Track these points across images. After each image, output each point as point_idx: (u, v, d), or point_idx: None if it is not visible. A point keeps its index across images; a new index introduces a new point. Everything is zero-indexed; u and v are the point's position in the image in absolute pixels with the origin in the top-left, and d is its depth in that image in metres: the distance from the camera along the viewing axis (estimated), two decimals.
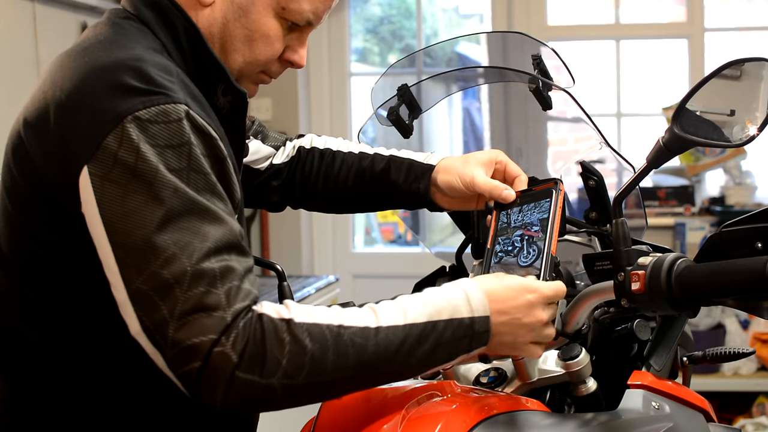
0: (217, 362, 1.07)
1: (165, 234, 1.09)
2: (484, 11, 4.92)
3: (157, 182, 1.09)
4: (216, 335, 1.07)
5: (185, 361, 1.07)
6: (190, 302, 1.07)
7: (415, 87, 1.63)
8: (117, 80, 1.13)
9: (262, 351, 1.08)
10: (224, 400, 1.07)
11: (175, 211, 1.09)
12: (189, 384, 1.09)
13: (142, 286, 1.09)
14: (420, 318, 1.15)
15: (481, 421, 1.18)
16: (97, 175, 1.10)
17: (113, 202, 1.10)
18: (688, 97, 1.25)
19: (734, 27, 4.51)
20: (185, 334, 1.07)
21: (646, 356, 1.39)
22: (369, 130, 1.76)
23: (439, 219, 1.69)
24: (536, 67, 1.57)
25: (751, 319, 4.04)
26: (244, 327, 1.08)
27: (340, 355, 1.10)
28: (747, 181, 4.12)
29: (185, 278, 1.08)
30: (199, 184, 1.12)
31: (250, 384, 1.07)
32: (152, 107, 1.12)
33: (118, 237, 1.10)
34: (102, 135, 1.10)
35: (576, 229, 1.54)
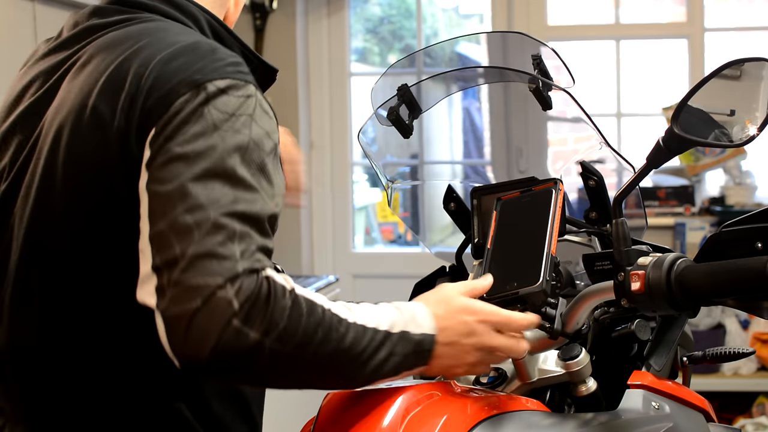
0: (217, 306, 1.06)
1: (198, 186, 1.11)
2: (484, 11, 4.92)
3: (207, 143, 1.13)
4: (223, 280, 1.07)
5: (183, 300, 1.07)
6: (205, 247, 1.08)
7: (415, 87, 1.63)
8: (193, 58, 1.18)
9: (265, 307, 1.08)
10: (212, 350, 1.06)
11: (215, 172, 1.12)
12: (178, 327, 1.07)
13: (164, 228, 1.10)
14: (382, 325, 1.17)
15: (481, 421, 1.18)
16: (157, 132, 1.14)
17: (160, 153, 1.13)
18: (688, 97, 1.25)
19: (734, 27, 4.51)
20: (191, 274, 1.07)
21: (646, 356, 1.39)
22: (369, 130, 1.76)
23: (439, 219, 1.69)
24: (536, 67, 1.57)
25: (751, 319, 4.04)
26: (251, 280, 1.08)
27: (325, 336, 1.11)
28: (747, 181, 4.12)
29: (205, 225, 1.09)
30: (251, 157, 1.15)
31: (243, 337, 1.06)
32: (227, 79, 1.17)
33: (154, 185, 1.12)
34: (174, 99, 1.15)
35: (576, 229, 1.54)
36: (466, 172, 4.44)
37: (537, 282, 1.29)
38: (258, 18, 4.24)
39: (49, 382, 1.23)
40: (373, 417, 1.17)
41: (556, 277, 1.33)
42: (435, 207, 1.73)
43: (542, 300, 1.28)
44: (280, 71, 1.42)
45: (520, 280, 1.31)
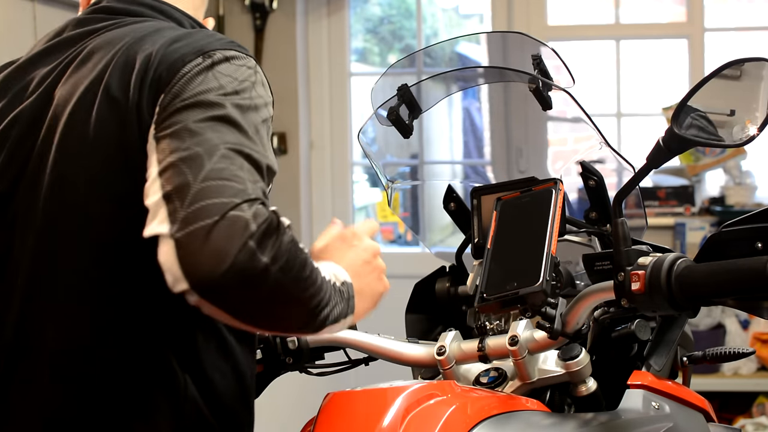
0: (235, 222, 1.07)
1: (205, 126, 1.14)
2: (484, 11, 4.92)
3: (211, 95, 1.17)
4: (239, 200, 1.09)
5: (200, 217, 1.07)
6: (218, 172, 1.10)
7: (415, 87, 1.63)
8: (197, 38, 1.24)
9: (276, 235, 1.09)
10: (229, 267, 1.06)
11: (220, 118, 1.16)
12: (193, 244, 1.07)
13: (172, 159, 1.12)
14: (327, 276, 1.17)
15: (481, 421, 1.18)
16: (166, 93, 1.18)
17: (167, 108, 1.17)
18: (688, 97, 1.25)
19: (734, 27, 4.51)
20: (207, 193, 1.09)
21: (646, 356, 1.39)
22: (369, 130, 1.76)
23: (439, 219, 1.69)
24: (536, 67, 1.57)
25: (751, 319, 4.03)
26: (265, 210, 1.10)
27: (310, 273, 1.12)
28: (747, 181, 4.11)
29: (216, 154, 1.12)
30: (250, 118, 1.19)
31: (256, 260, 1.07)
32: (232, 50, 1.23)
33: (161, 132, 1.16)
34: (181, 65, 1.19)
35: (576, 229, 1.55)
36: (466, 172, 4.43)
37: (537, 282, 1.29)
38: (258, 18, 4.23)
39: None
40: (373, 417, 1.17)
41: (556, 277, 1.33)
42: (435, 207, 1.73)
43: (542, 300, 1.28)
44: (280, 71, 1.44)
45: (520, 280, 1.31)
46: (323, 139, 4.41)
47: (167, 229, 1.08)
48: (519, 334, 1.33)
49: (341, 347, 1.53)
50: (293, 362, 1.51)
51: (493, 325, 1.45)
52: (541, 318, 1.28)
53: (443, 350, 1.39)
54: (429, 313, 1.61)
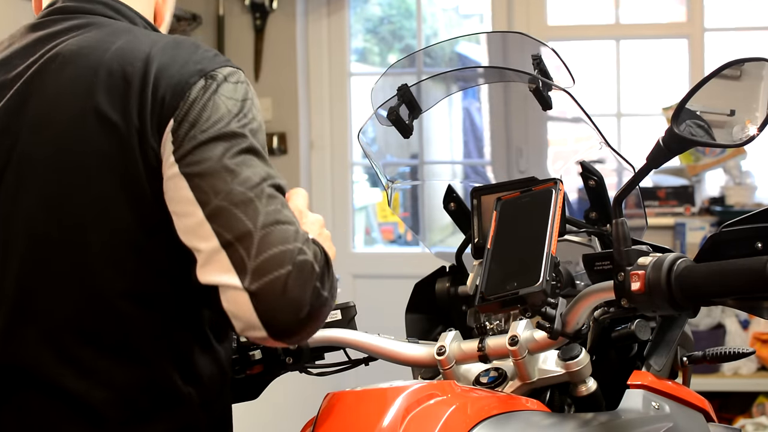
0: (304, 269, 1.11)
1: (239, 162, 1.15)
2: (484, 11, 4.92)
3: (232, 124, 1.18)
4: (300, 244, 1.12)
5: (273, 268, 1.10)
6: (272, 215, 1.13)
7: (415, 87, 1.63)
8: (186, 52, 1.23)
9: (329, 268, 1.16)
10: (306, 315, 1.11)
11: (245, 148, 1.17)
12: (271, 296, 1.10)
13: (222, 203, 1.13)
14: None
15: (481, 421, 1.18)
16: (178, 122, 1.17)
17: (187, 140, 1.16)
18: (688, 97, 1.25)
19: (734, 27, 4.51)
20: (272, 241, 1.11)
21: (646, 356, 1.39)
22: (369, 130, 1.76)
23: (439, 219, 1.69)
24: (536, 67, 1.57)
25: (751, 319, 4.04)
26: (314, 246, 1.15)
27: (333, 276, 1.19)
28: (747, 181, 4.12)
29: (263, 195, 1.14)
30: (261, 139, 1.22)
31: (322, 298, 1.13)
32: (228, 67, 1.24)
33: (189, 168, 1.15)
34: (186, 89, 1.19)
35: (576, 229, 1.54)
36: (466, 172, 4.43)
37: (537, 282, 1.29)
38: (258, 18, 4.24)
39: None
40: (373, 417, 1.17)
41: (556, 277, 1.33)
42: (435, 207, 1.73)
43: (542, 300, 1.28)
44: (280, 71, 1.45)
45: (520, 280, 1.31)
46: (323, 139, 4.41)
47: (238, 282, 1.11)
48: (519, 334, 1.32)
49: (341, 347, 1.53)
50: (293, 362, 1.51)
51: (493, 325, 1.45)
52: (541, 318, 1.28)
53: (443, 350, 1.39)
54: (429, 313, 1.61)
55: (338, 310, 1.52)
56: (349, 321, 1.53)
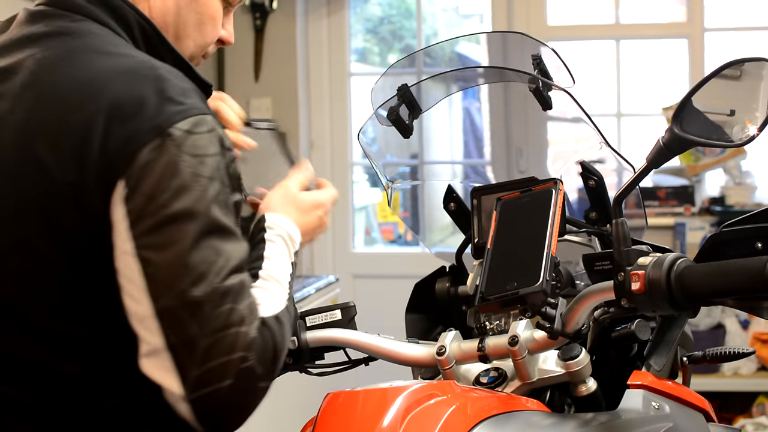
0: (246, 378, 1.10)
1: (196, 252, 1.10)
2: (484, 11, 4.92)
3: (192, 199, 1.10)
4: (244, 351, 1.10)
5: (213, 380, 1.09)
6: (219, 320, 1.09)
7: (415, 87, 1.63)
8: (143, 92, 1.13)
9: (275, 357, 1.15)
10: (246, 415, 1.13)
11: (206, 230, 1.11)
12: (211, 408, 1.10)
13: (171, 303, 1.09)
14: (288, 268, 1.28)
15: (481, 421, 1.18)
16: (131, 188, 1.10)
17: (145, 216, 1.09)
18: (688, 97, 1.25)
19: (734, 27, 4.51)
20: (215, 351, 1.09)
21: (646, 356, 1.39)
22: (369, 130, 1.76)
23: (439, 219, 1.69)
24: (536, 67, 1.57)
25: (751, 319, 4.03)
26: (262, 338, 1.13)
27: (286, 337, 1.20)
28: (747, 181, 4.12)
29: (214, 296, 1.10)
30: (222, 198, 1.14)
31: (264, 391, 1.14)
32: (189, 118, 1.13)
33: (148, 252, 1.10)
34: (139, 147, 1.10)
35: (576, 229, 1.54)
36: (466, 172, 4.43)
37: (537, 282, 1.29)
38: (258, 18, 4.23)
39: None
40: (373, 417, 1.17)
41: (556, 277, 1.33)
42: (435, 207, 1.73)
43: (542, 300, 1.28)
44: (280, 71, 1.42)
45: (520, 280, 1.31)
46: (323, 139, 4.40)
47: (179, 389, 1.10)
48: (519, 334, 1.32)
49: (341, 347, 1.53)
50: (293, 362, 1.51)
51: (493, 325, 1.45)
52: (541, 318, 1.28)
53: (443, 350, 1.39)
54: (429, 313, 1.61)
55: (338, 310, 1.52)
56: (349, 321, 1.53)
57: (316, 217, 1.38)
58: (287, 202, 1.36)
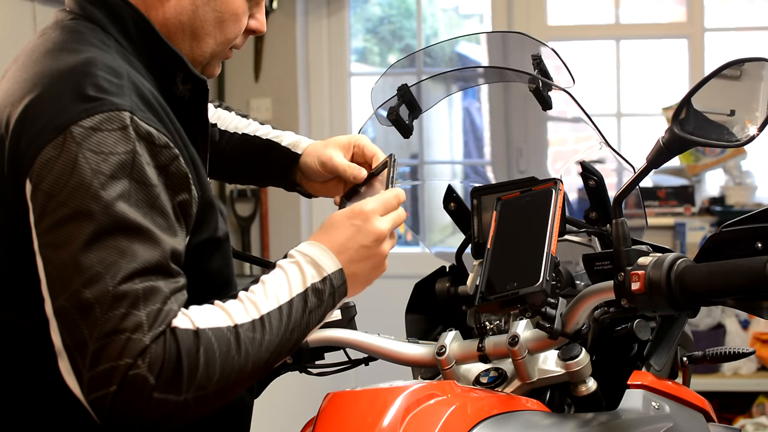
0: (133, 386, 1.06)
1: (91, 252, 1.07)
2: (484, 11, 4.92)
3: (90, 197, 1.08)
4: (132, 359, 1.06)
5: (100, 385, 1.06)
6: (110, 324, 1.06)
7: (415, 87, 1.63)
8: (61, 89, 1.14)
9: (179, 369, 1.08)
10: (141, 423, 1.08)
11: (106, 229, 1.08)
12: (102, 410, 1.07)
13: (65, 304, 1.08)
14: (287, 296, 1.18)
15: (481, 421, 1.18)
16: (35, 185, 1.10)
17: (45, 214, 1.09)
18: (688, 97, 1.25)
19: (734, 27, 4.51)
20: (103, 356, 1.06)
21: (646, 356, 1.39)
22: (369, 130, 1.76)
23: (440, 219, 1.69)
24: (536, 67, 1.57)
25: (751, 319, 4.04)
26: (162, 347, 1.07)
27: (242, 355, 1.13)
28: (747, 181, 4.12)
29: (106, 299, 1.06)
30: (139, 197, 1.11)
31: (165, 403, 1.07)
32: (95, 115, 1.11)
33: (47, 251, 1.09)
34: (42, 145, 1.10)
35: (576, 229, 1.54)
36: (466, 172, 4.43)
37: (537, 282, 1.29)
38: None
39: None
40: (373, 417, 1.17)
41: (556, 277, 1.33)
42: (435, 207, 1.73)
43: (542, 300, 1.28)
44: (280, 71, 1.41)
45: (520, 280, 1.31)
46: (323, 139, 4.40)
47: (78, 389, 1.09)
48: (519, 334, 1.33)
49: (341, 347, 1.53)
50: (293, 362, 1.51)
51: (493, 325, 1.45)
52: (541, 318, 1.28)
53: (443, 350, 1.39)
54: (429, 313, 1.61)
55: (338, 310, 1.52)
56: (349, 321, 1.53)
57: (353, 228, 1.27)
58: (326, 225, 1.30)
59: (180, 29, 1.29)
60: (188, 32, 1.30)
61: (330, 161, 1.50)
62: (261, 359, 1.15)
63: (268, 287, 1.19)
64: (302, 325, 1.20)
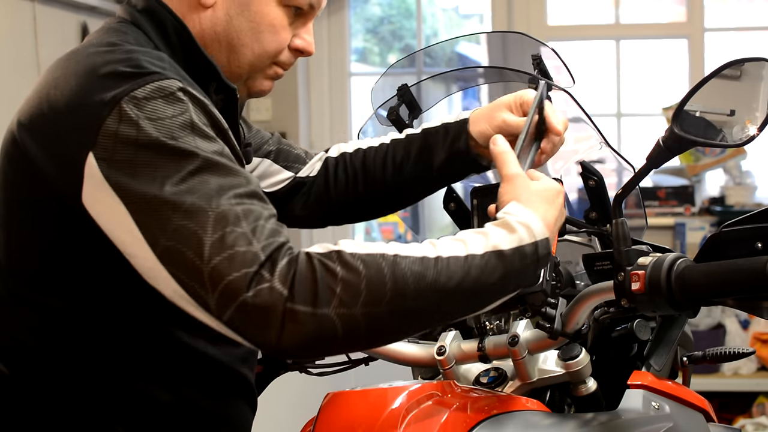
0: (265, 296, 1.05)
1: (181, 189, 1.09)
2: (484, 11, 4.92)
3: (165, 150, 1.10)
4: (254, 268, 1.06)
5: (229, 301, 1.06)
6: (218, 244, 1.07)
7: (415, 87, 1.63)
8: (108, 71, 1.15)
9: (313, 280, 1.06)
10: (279, 338, 1.05)
11: (187, 169, 1.10)
12: (240, 325, 1.06)
13: (169, 243, 1.09)
14: (481, 249, 1.14)
15: (481, 421, 1.18)
16: (103, 158, 1.11)
17: (125, 178, 1.10)
18: (688, 97, 1.25)
19: (734, 27, 4.51)
20: (220, 273, 1.06)
21: (646, 356, 1.38)
22: (369, 130, 1.76)
23: (439, 219, 1.69)
24: (536, 67, 1.57)
25: (751, 319, 4.04)
26: (288, 261, 1.07)
27: (398, 282, 1.07)
28: (747, 181, 4.12)
29: (208, 223, 1.08)
30: (207, 147, 1.13)
31: (305, 316, 1.05)
32: (146, 85, 1.13)
33: (137, 205, 1.10)
34: (101, 119, 1.12)
35: (576, 229, 1.54)
36: None
37: (537, 282, 1.29)
38: None
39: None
40: (373, 417, 1.17)
41: (556, 277, 1.33)
42: (435, 207, 1.73)
43: (542, 300, 1.28)
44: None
45: None
46: (323, 139, 4.40)
47: (209, 318, 1.08)
48: (519, 334, 1.33)
49: None
50: (293, 362, 1.51)
51: (493, 325, 1.45)
52: (541, 318, 1.28)
53: (443, 350, 1.39)
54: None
55: None
56: None
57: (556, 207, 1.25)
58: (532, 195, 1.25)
59: (216, 40, 1.30)
60: (224, 43, 1.30)
61: (504, 123, 1.46)
62: (427, 299, 1.09)
63: (462, 234, 1.16)
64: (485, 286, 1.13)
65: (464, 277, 1.11)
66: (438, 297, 1.10)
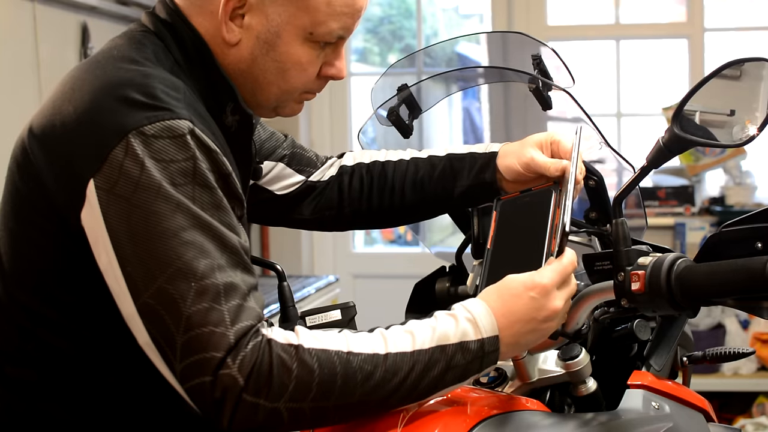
0: (224, 383, 1.08)
1: (170, 249, 1.10)
2: (484, 11, 4.92)
3: (161, 197, 1.10)
4: (221, 353, 1.08)
5: (193, 376, 1.09)
6: (195, 318, 1.09)
7: (415, 87, 1.63)
8: (123, 95, 1.15)
9: (269, 375, 1.09)
10: (230, 422, 1.09)
11: (180, 226, 1.10)
12: (199, 397, 1.10)
13: (150, 301, 1.10)
14: (428, 344, 1.16)
15: (481, 421, 1.18)
16: (103, 188, 1.12)
17: (119, 216, 1.11)
18: (688, 97, 1.25)
19: (734, 27, 4.51)
20: (190, 349, 1.09)
21: (646, 356, 1.39)
22: (369, 130, 1.76)
23: (439, 219, 1.69)
24: (536, 67, 1.57)
25: (751, 319, 4.04)
26: (252, 350, 1.10)
27: (348, 382, 1.12)
28: (747, 181, 4.12)
29: (189, 294, 1.09)
30: (204, 200, 1.13)
31: (255, 407, 1.09)
32: (157, 123, 1.13)
33: (124, 251, 1.11)
34: (108, 148, 1.12)
35: (576, 229, 1.54)
36: None
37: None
38: None
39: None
40: (374, 417, 1.17)
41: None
42: None
43: None
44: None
45: None
46: (323, 139, 4.40)
47: (172, 378, 1.11)
48: None
49: None
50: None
51: None
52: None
53: None
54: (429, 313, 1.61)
55: (338, 310, 1.52)
56: (349, 321, 1.53)
57: (530, 301, 1.20)
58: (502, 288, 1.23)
59: (240, 76, 1.29)
60: (249, 79, 1.30)
61: (532, 161, 1.46)
62: (372, 395, 1.13)
63: (410, 326, 1.18)
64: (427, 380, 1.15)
65: (409, 372, 1.14)
66: (383, 392, 1.14)
